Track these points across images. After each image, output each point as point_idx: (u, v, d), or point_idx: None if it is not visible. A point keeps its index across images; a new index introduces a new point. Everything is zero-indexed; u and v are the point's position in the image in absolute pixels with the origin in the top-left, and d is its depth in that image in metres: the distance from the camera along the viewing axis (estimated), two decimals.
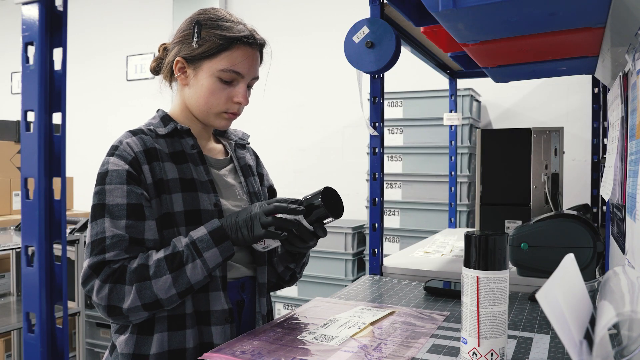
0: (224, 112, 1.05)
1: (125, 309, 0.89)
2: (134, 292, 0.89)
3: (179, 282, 0.91)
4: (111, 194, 0.94)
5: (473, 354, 0.73)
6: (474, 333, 0.73)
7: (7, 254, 2.82)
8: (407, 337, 0.89)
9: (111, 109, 4.40)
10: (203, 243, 0.92)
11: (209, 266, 0.92)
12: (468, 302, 0.74)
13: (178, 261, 0.91)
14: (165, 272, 0.90)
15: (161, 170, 0.99)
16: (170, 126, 1.04)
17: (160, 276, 0.90)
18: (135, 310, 0.90)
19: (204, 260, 0.92)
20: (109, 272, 0.90)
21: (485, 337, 0.73)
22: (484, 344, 0.73)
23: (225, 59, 1.00)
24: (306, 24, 3.56)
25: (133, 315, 0.90)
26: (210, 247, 0.92)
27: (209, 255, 0.92)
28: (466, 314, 0.74)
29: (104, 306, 0.90)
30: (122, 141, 1.00)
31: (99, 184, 0.96)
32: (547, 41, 1.16)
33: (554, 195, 1.69)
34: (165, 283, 0.90)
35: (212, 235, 0.93)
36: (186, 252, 0.92)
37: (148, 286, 0.89)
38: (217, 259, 0.93)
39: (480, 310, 0.72)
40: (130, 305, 0.89)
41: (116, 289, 0.90)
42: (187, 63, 1.03)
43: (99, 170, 0.98)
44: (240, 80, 1.03)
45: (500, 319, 0.73)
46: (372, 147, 1.45)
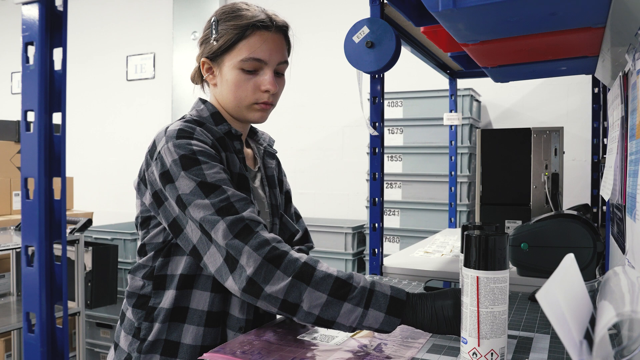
0: (254, 104, 1.01)
1: (267, 294, 0.81)
2: (286, 283, 0.81)
3: (327, 309, 0.81)
4: (211, 170, 0.89)
5: (473, 354, 0.73)
6: (474, 333, 0.73)
7: (7, 254, 2.82)
8: (407, 337, 0.89)
9: (111, 109, 4.40)
10: (378, 300, 0.82)
11: (364, 323, 0.82)
12: (468, 302, 0.74)
13: (343, 292, 0.82)
14: (325, 291, 0.82)
15: (232, 161, 0.98)
16: (224, 127, 1.02)
17: (318, 289, 0.82)
18: (273, 301, 0.81)
19: (365, 314, 0.82)
20: (261, 241, 0.83)
21: (485, 337, 0.72)
22: (484, 344, 0.73)
23: (244, 48, 0.98)
24: (306, 24, 3.56)
25: (269, 303, 0.82)
26: (381, 309, 0.82)
27: (373, 314, 0.82)
28: (466, 314, 0.74)
29: (247, 277, 0.81)
30: (193, 127, 0.94)
31: (190, 165, 0.88)
32: (547, 41, 1.16)
33: (554, 195, 1.69)
34: (317, 299, 0.81)
35: (392, 302, 0.83)
36: (358, 292, 0.82)
37: (301, 287, 0.81)
38: (375, 323, 0.82)
39: (481, 310, 0.72)
40: (273, 293, 0.81)
41: (268, 267, 0.81)
42: (211, 62, 1.02)
43: (178, 153, 0.90)
44: (264, 67, 1.00)
45: (500, 319, 0.73)
46: (372, 147, 1.45)
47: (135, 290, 0.99)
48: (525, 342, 0.87)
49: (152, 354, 0.94)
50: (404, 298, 0.83)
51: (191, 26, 3.88)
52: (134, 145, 4.15)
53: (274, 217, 1.10)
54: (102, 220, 3.67)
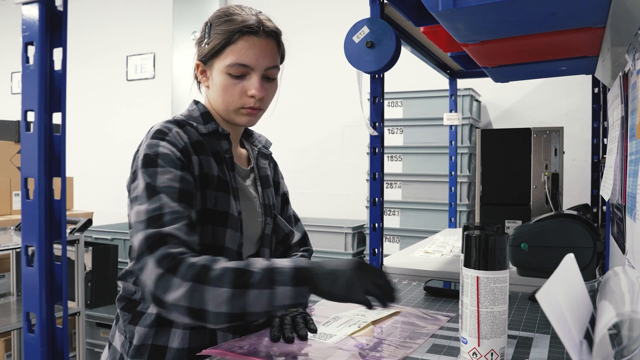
0: (241, 108, 1.02)
1: (169, 303, 0.81)
2: (184, 289, 0.80)
3: (234, 302, 0.80)
4: (164, 176, 0.90)
5: (473, 354, 0.73)
6: (474, 333, 0.73)
7: (7, 254, 2.82)
8: (406, 338, 0.89)
9: (111, 109, 4.40)
10: (282, 275, 0.82)
11: (275, 303, 0.81)
12: (468, 302, 0.74)
13: (245, 280, 0.81)
14: (226, 284, 0.80)
15: (207, 164, 0.98)
16: (212, 126, 1.03)
17: (219, 286, 0.80)
18: (178, 309, 0.81)
19: (273, 293, 0.81)
20: (164, 253, 0.83)
21: (485, 337, 0.73)
22: (484, 344, 0.73)
23: (231, 53, 0.98)
24: (306, 24, 3.56)
25: (176, 312, 0.82)
26: (286, 283, 0.81)
27: (281, 291, 0.81)
28: (466, 314, 0.74)
29: (149, 290, 0.82)
30: (170, 128, 0.96)
31: (150, 165, 0.91)
32: (547, 41, 1.16)
33: (554, 195, 1.69)
34: (221, 296, 0.80)
35: (295, 272, 0.82)
36: (259, 275, 0.82)
37: (201, 290, 0.80)
38: (287, 299, 0.81)
39: (481, 310, 0.72)
40: (175, 302, 0.80)
41: (166, 277, 0.81)
42: (204, 65, 1.03)
43: (145, 151, 0.92)
44: (251, 72, 1.00)
45: (500, 319, 0.73)
46: (372, 147, 1.45)
47: (127, 295, 1.00)
48: (525, 342, 0.87)
49: (139, 358, 0.94)
50: (306, 265, 0.84)
51: (191, 26, 3.88)
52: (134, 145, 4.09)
53: (267, 217, 1.10)
54: (102, 220, 3.67)
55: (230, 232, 0.99)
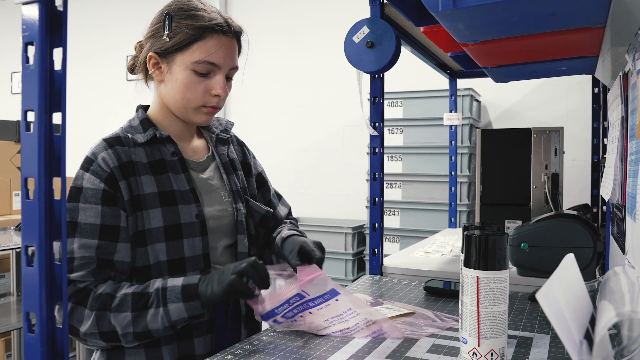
0: (202, 107, 0.99)
1: (82, 333, 0.87)
2: (92, 318, 0.87)
3: (137, 323, 0.87)
4: (84, 213, 0.90)
5: (473, 354, 0.73)
6: (474, 333, 0.73)
7: (7, 254, 2.82)
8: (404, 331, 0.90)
9: (111, 109, 4.40)
10: (172, 294, 0.88)
11: (171, 319, 0.87)
12: (468, 302, 0.74)
13: (143, 302, 0.88)
14: (127, 309, 0.87)
15: (138, 185, 0.94)
16: (149, 133, 0.99)
17: (121, 311, 0.87)
18: (92, 337, 0.87)
19: (166, 311, 0.87)
20: (73, 290, 0.88)
21: (485, 337, 0.73)
22: (484, 344, 0.73)
23: (199, 49, 0.95)
24: (306, 24, 3.56)
25: (91, 340, 0.88)
26: (177, 300, 0.87)
27: (174, 308, 0.87)
28: (466, 314, 0.74)
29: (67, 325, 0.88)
30: (96, 155, 0.94)
31: (72, 200, 0.92)
32: (547, 41, 1.16)
33: (554, 195, 1.69)
34: (124, 319, 0.87)
35: (184, 289, 0.88)
36: (153, 296, 0.88)
37: (107, 317, 0.87)
38: (182, 314, 0.87)
39: (481, 310, 0.72)
40: (87, 331, 0.87)
41: (77, 310, 0.87)
42: (160, 58, 0.98)
43: (72, 184, 0.93)
44: (217, 71, 0.97)
45: (500, 319, 0.73)
46: (372, 147, 1.45)
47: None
48: (525, 342, 0.87)
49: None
50: (196, 281, 0.88)
51: None
52: None
53: (237, 204, 1.07)
54: None
55: (188, 241, 0.96)
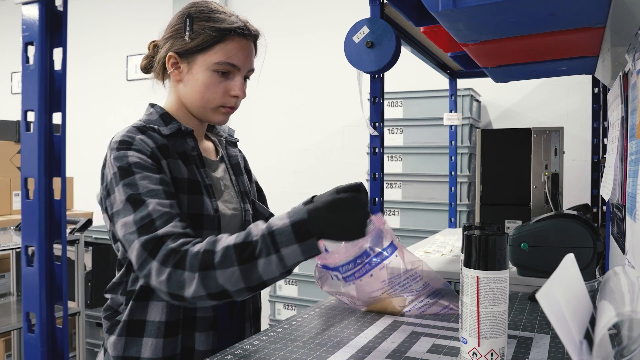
0: (221, 107, 1.02)
1: (189, 297, 0.81)
2: (197, 280, 0.80)
3: (248, 276, 0.80)
4: (143, 182, 0.89)
5: (473, 354, 0.73)
6: (474, 333, 0.73)
7: (7, 254, 2.82)
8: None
9: (111, 109, 4.40)
10: (283, 236, 0.80)
11: (287, 264, 0.80)
12: (468, 302, 0.74)
13: (249, 253, 0.80)
14: (233, 264, 0.80)
15: (173, 167, 0.96)
16: (174, 126, 1.01)
17: (226, 267, 0.80)
18: (201, 300, 0.82)
19: (280, 257, 0.79)
20: (166, 252, 0.82)
21: (485, 337, 0.72)
22: (484, 343, 0.72)
23: (220, 51, 0.98)
24: (306, 24, 3.56)
25: (201, 302, 0.83)
26: (290, 242, 0.80)
27: (288, 252, 0.79)
28: (466, 314, 0.74)
29: (165, 292, 0.82)
30: (133, 137, 0.94)
31: (126, 176, 0.89)
32: (547, 41, 1.16)
33: (554, 195, 1.69)
34: (232, 276, 0.80)
35: (295, 229, 0.80)
36: (261, 244, 0.80)
37: (213, 276, 0.80)
38: (298, 257, 0.80)
39: (481, 310, 0.72)
40: (194, 294, 0.80)
41: (175, 274, 0.81)
42: (180, 58, 1.00)
43: (115, 164, 0.90)
44: (236, 72, 1.01)
45: (500, 319, 0.73)
46: (372, 147, 1.45)
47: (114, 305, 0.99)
48: (525, 342, 0.87)
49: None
50: (306, 216, 0.81)
51: None
52: None
53: (245, 204, 1.09)
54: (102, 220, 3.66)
55: (207, 233, 0.97)
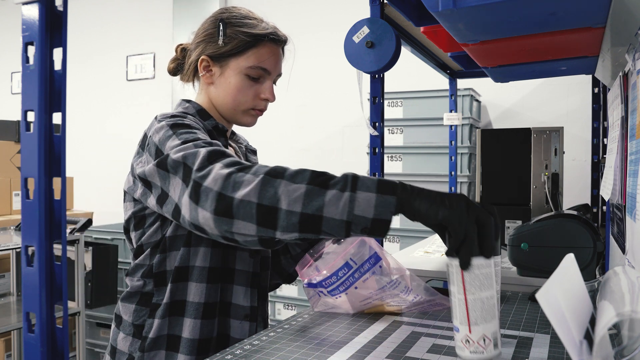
0: (251, 109, 1.06)
1: (236, 201, 0.73)
2: (256, 183, 0.73)
3: (310, 200, 0.71)
4: (194, 133, 0.88)
5: (466, 341, 0.73)
6: (464, 321, 0.73)
7: (7, 254, 2.82)
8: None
9: (111, 109, 4.40)
10: (365, 183, 0.72)
11: (354, 209, 0.70)
12: (455, 291, 0.73)
13: (324, 180, 0.73)
14: (304, 181, 0.73)
15: None
16: (211, 122, 1.04)
17: (294, 182, 0.73)
18: (245, 209, 0.73)
19: (353, 198, 0.71)
20: (232, 160, 0.79)
21: (475, 323, 0.72)
22: (475, 330, 0.72)
23: (253, 56, 1.02)
24: (306, 24, 3.56)
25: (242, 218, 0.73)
26: (370, 189, 0.71)
27: (364, 197, 0.71)
28: (454, 302, 0.74)
29: (215, 192, 0.74)
30: (185, 114, 0.98)
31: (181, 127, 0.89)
32: (547, 41, 1.16)
33: (554, 195, 1.69)
34: (296, 191, 0.72)
35: (380, 182, 0.72)
36: (341, 179, 0.73)
37: (274, 184, 0.73)
38: (369, 208, 0.70)
39: (468, 297, 0.72)
40: (243, 198, 0.73)
41: (237, 175, 0.75)
42: (212, 61, 1.04)
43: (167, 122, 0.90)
44: (267, 77, 1.05)
45: (488, 304, 0.72)
46: (372, 147, 1.45)
47: (137, 289, 0.99)
48: (525, 342, 0.87)
49: (157, 350, 0.95)
50: (396, 181, 0.74)
51: (191, 26, 3.83)
52: (134, 145, 4.13)
53: None
54: (102, 220, 3.67)
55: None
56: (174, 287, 0.96)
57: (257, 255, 1.04)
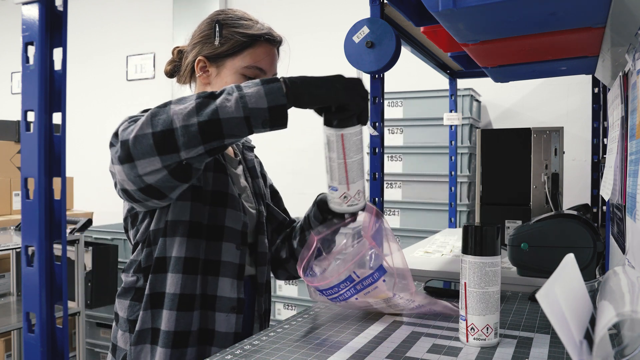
0: None
1: (131, 139, 0.75)
2: (146, 118, 0.76)
3: (203, 109, 0.74)
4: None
5: (344, 197, 0.89)
6: (343, 180, 0.87)
7: (7, 254, 2.82)
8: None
9: (111, 109, 4.40)
10: (248, 83, 0.78)
11: (247, 104, 0.74)
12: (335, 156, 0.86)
13: (210, 93, 0.78)
14: (190, 100, 0.77)
15: None
16: None
17: (182, 103, 0.77)
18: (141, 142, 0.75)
19: (242, 95, 0.75)
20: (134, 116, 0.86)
21: (353, 181, 0.87)
22: (352, 187, 0.88)
23: (249, 56, 1.03)
24: (306, 24, 3.56)
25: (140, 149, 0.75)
26: (256, 85, 0.76)
27: (252, 91, 0.75)
28: (334, 166, 0.87)
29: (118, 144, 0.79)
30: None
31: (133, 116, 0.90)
32: (547, 41, 1.16)
33: (554, 195, 1.69)
34: (186, 109, 0.75)
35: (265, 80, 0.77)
36: (224, 89, 0.78)
37: (163, 112, 0.76)
38: (260, 99, 0.75)
39: (347, 160, 0.86)
40: (137, 134, 0.75)
41: (131, 123, 0.81)
42: (209, 62, 1.05)
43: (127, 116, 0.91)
44: (262, 76, 1.05)
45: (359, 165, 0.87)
46: (372, 147, 1.45)
47: (130, 285, 1.00)
48: (525, 342, 0.87)
49: (142, 344, 0.95)
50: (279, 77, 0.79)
51: (191, 26, 3.86)
52: None
53: (260, 205, 1.12)
54: (102, 220, 3.67)
55: (232, 212, 1.00)
56: (153, 279, 0.96)
57: (244, 247, 1.03)
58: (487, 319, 0.81)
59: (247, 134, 0.78)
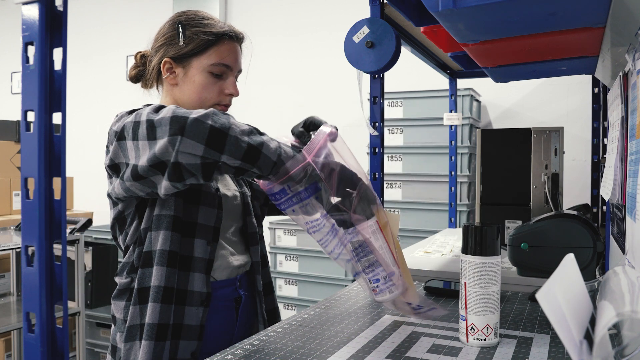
0: (216, 105, 1.08)
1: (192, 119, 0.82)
2: (206, 113, 0.85)
3: (254, 136, 0.87)
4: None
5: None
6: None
7: (7, 254, 2.82)
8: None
9: (111, 109, 4.38)
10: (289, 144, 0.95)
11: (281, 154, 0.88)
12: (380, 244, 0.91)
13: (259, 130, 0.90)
14: (244, 123, 0.89)
15: None
16: None
17: (239, 123, 0.87)
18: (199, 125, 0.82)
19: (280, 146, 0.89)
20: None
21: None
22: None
23: (214, 53, 1.05)
24: (306, 24, 3.56)
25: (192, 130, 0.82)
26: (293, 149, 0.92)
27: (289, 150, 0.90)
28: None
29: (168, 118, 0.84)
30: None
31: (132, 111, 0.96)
32: (547, 41, 1.16)
33: (554, 195, 1.69)
34: (242, 127, 0.87)
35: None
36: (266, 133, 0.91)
37: (224, 117, 0.85)
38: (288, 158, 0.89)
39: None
40: (199, 117, 0.82)
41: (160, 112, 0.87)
42: (175, 63, 1.07)
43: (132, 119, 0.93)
44: (229, 73, 1.08)
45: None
46: (372, 147, 1.45)
47: (125, 286, 1.00)
48: (525, 342, 0.87)
49: (132, 341, 0.95)
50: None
51: None
52: None
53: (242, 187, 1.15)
54: (102, 220, 3.67)
55: (204, 209, 1.01)
56: (141, 274, 0.97)
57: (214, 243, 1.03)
58: (487, 319, 0.82)
59: (265, 175, 0.88)
